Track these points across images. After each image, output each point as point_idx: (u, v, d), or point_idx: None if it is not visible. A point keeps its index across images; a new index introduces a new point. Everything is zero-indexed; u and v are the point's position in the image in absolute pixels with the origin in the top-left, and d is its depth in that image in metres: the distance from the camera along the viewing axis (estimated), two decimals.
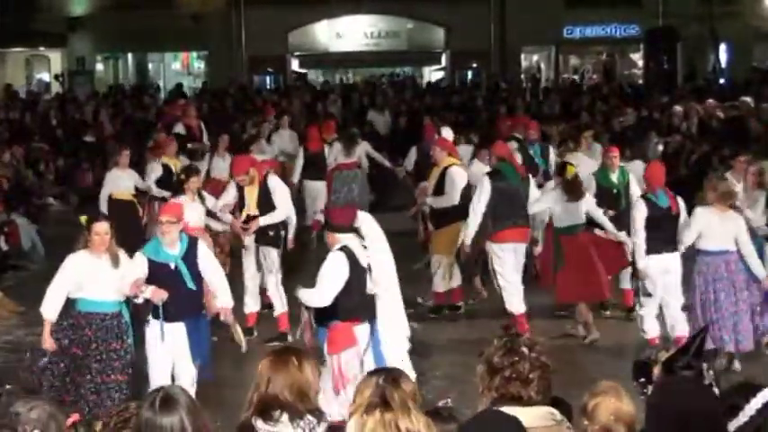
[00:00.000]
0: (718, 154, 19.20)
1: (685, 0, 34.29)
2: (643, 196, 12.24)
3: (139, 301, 9.78)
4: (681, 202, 12.19)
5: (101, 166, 23.28)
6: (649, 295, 12.09)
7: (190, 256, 9.95)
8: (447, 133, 16.30)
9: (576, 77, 40.98)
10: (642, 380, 5.59)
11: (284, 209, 13.16)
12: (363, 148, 19.47)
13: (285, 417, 5.52)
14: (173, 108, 24.71)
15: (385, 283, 9.50)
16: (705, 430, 4.34)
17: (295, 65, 41.66)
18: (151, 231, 14.01)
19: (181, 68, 43.31)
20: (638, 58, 41.81)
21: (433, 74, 42.54)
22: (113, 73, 41.77)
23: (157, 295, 9.67)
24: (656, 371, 5.47)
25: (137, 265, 9.80)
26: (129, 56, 42.16)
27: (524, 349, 4.99)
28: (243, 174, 13.09)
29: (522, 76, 40.80)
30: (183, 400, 4.80)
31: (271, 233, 13.09)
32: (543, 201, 13.14)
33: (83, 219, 9.95)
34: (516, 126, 18.22)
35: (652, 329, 12.16)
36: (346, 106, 28.48)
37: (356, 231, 9.51)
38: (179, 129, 20.14)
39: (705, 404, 4.42)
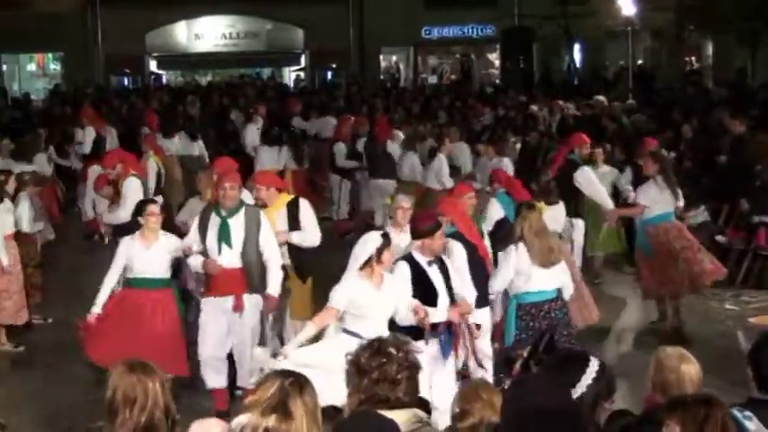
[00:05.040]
0: None
1: (540, 0, 34.79)
2: None
3: None
4: None
5: None
6: None
7: None
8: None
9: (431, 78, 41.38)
10: (501, 374, 5.68)
11: None
12: None
13: None
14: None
15: None
16: (555, 428, 4.25)
17: (153, 66, 41.19)
18: None
19: (36, 70, 42.42)
20: (494, 57, 42.36)
21: (292, 74, 42.50)
22: None
23: None
24: (517, 367, 5.58)
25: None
26: None
27: (392, 350, 4.88)
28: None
29: (382, 76, 41.02)
30: None
31: None
32: None
33: None
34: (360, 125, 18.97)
35: None
36: (206, 107, 28.18)
37: None
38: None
39: (555, 402, 4.29)
